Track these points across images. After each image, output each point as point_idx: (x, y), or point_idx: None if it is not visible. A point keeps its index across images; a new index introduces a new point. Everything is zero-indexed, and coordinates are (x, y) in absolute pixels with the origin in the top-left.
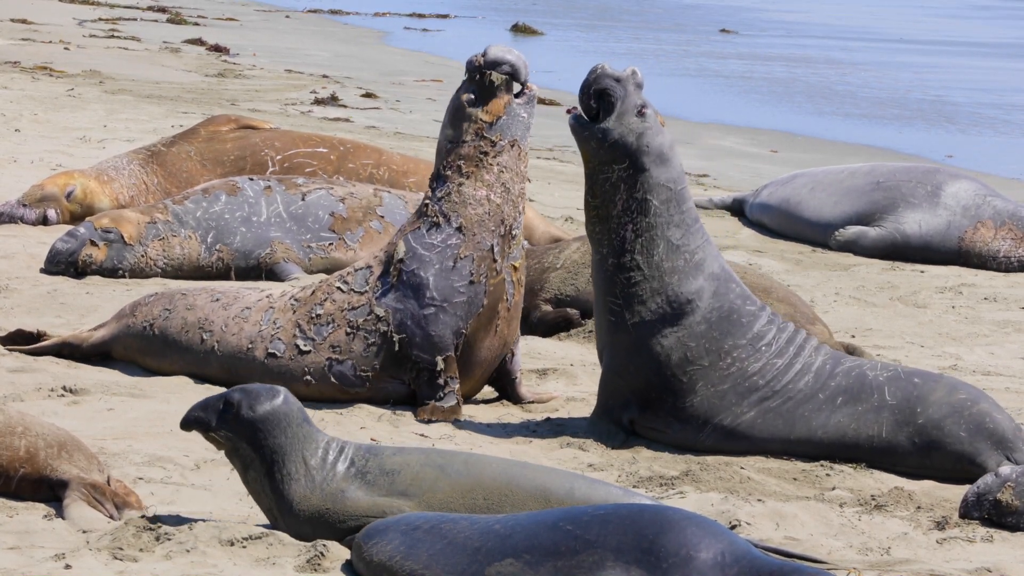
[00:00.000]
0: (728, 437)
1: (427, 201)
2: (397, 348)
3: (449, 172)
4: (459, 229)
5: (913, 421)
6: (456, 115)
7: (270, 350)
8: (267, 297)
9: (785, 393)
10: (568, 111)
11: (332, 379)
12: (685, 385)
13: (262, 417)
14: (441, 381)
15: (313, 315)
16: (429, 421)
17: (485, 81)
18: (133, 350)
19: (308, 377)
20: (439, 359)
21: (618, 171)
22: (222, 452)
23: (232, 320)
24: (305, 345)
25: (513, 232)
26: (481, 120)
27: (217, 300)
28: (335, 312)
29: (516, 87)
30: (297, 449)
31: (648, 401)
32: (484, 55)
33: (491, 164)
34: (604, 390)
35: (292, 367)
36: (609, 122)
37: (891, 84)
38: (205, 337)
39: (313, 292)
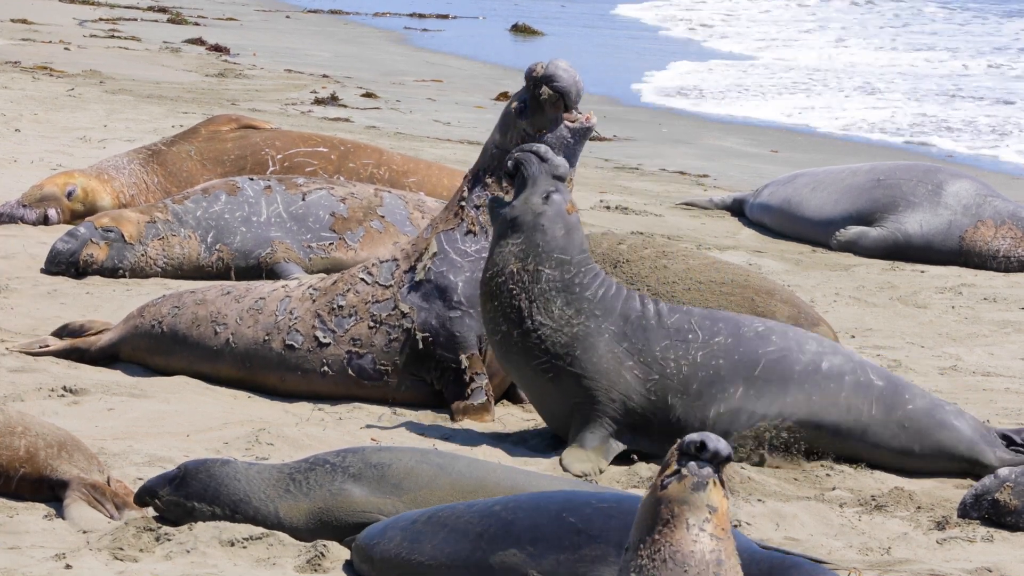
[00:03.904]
0: (736, 416)
1: (463, 203)
2: (421, 347)
3: (490, 180)
4: None
5: (902, 406)
6: (504, 121)
7: (288, 341)
8: (283, 287)
9: (763, 357)
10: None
11: (350, 372)
12: (657, 401)
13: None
14: (467, 378)
15: (335, 306)
16: (461, 418)
17: (535, 93)
18: (142, 350)
19: (326, 368)
20: (463, 357)
21: (511, 243)
22: (223, 452)
23: (247, 312)
24: (325, 337)
25: None
26: (524, 131)
27: (228, 293)
28: (358, 304)
29: (574, 110)
30: (263, 485)
31: (635, 427)
32: (544, 66)
33: None
34: (585, 421)
35: (311, 359)
36: (515, 204)
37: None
38: (219, 330)
39: (335, 282)
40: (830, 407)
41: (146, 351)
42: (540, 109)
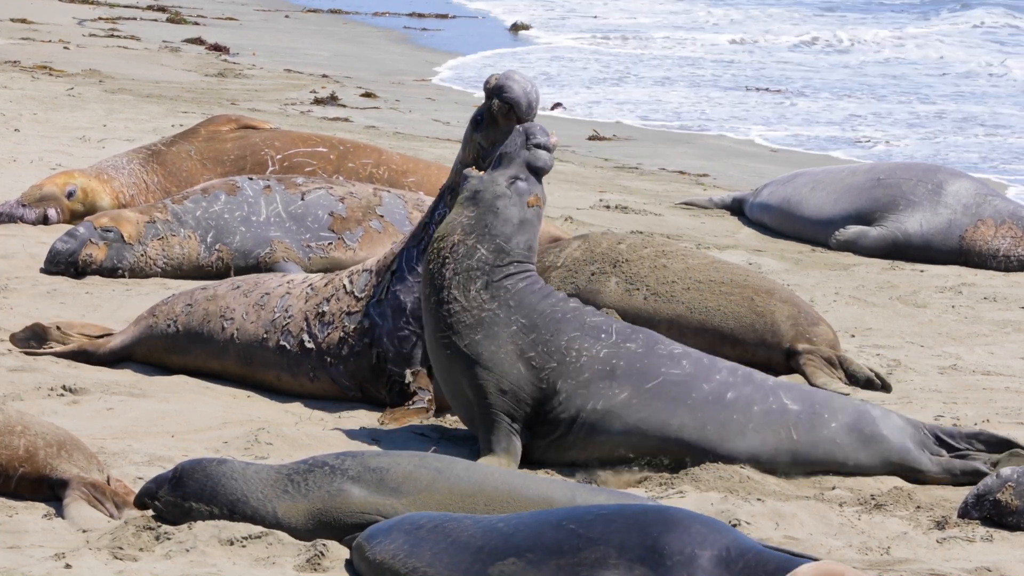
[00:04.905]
0: (603, 420)
1: (426, 220)
2: (375, 361)
3: (449, 196)
4: None
5: (825, 427)
6: (465, 134)
7: (281, 342)
8: (287, 282)
9: (663, 375)
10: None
11: (331, 379)
12: (547, 389)
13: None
14: (411, 391)
15: (320, 311)
16: (387, 419)
17: (489, 105)
18: (159, 350)
19: (313, 373)
20: (408, 372)
21: (465, 214)
22: (223, 452)
23: (252, 308)
24: (309, 342)
25: None
26: (480, 144)
27: (238, 288)
28: (337, 312)
29: (542, 129)
30: (261, 486)
31: (526, 421)
32: (497, 77)
33: None
34: (486, 423)
35: (300, 362)
36: (483, 178)
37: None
38: (226, 325)
39: (327, 284)
40: (735, 437)
41: (163, 351)
42: (494, 121)
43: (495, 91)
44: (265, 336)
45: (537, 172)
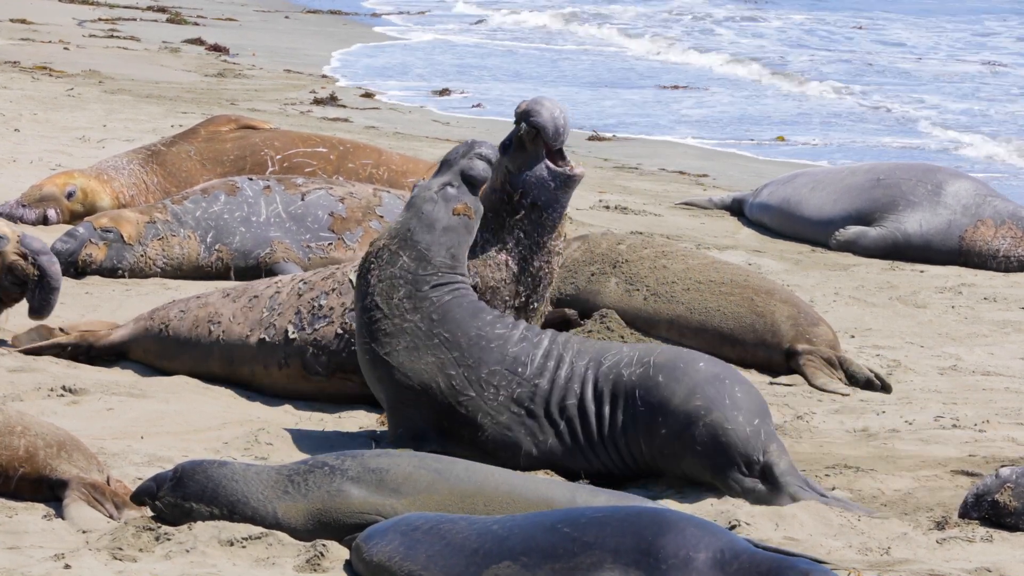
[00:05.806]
0: (553, 462)
1: None
2: None
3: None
4: (474, 287)
5: (660, 432)
6: (497, 159)
7: (262, 335)
8: (276, 283)
9: (565, 412)
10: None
11: (302, 364)
12: (467, 417)
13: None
14: None
15: (316, 304)
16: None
17: (518, 129)
18: (152, 353)
19: (284, 359)
20: None
21: (399, 218)
22: (222, 452)
23: (240, 311)
24: (293, 332)
25: (531, 305)
26: (507, 169)
27: (228, 295)
28: (336, 307)
29: (568, 154)
30: (260, 488)
31: (444, 431)
32: (527, 102)
33: (511, 225)
34: (394, 420)
35: (275, 350)
36: (423, 184)
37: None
38: (213, 329)
39: (325, 278)
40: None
41: (155, 354)
42: (522, 146)
43: (523, 115)
44: (248, 334)
45: (469, 181)
